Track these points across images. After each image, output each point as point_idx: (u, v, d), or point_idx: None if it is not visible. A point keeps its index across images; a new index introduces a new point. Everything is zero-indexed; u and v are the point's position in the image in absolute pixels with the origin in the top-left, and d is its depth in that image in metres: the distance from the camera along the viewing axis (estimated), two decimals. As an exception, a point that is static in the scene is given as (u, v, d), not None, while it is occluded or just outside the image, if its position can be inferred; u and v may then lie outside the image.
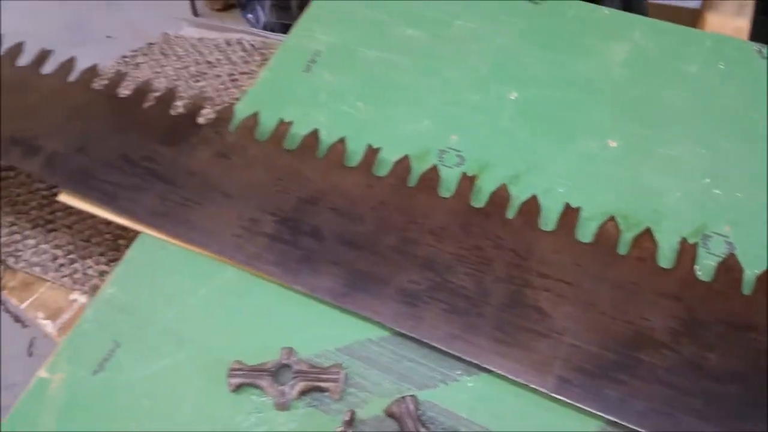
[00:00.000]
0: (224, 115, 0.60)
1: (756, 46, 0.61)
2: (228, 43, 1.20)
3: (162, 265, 0.55)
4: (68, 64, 0.64)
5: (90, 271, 0.90)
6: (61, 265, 0.92)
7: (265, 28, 1.88)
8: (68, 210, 0.97)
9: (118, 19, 2.37)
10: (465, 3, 0.68)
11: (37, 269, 0.91)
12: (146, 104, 0.61)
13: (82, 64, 0.69)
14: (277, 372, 0.48)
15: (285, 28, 1.60)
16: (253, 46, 1.19)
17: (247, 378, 0.48)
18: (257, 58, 1.16)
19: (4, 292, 0.91)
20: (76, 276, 0.90)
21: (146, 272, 0.55)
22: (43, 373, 0.51)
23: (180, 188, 0.56)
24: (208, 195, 0.56)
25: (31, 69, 0.64)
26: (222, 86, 1.04)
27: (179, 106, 0.62)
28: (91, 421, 0.48)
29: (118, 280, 0.55)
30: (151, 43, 1.22)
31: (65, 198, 0.58)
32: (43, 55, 0.65)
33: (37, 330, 1.59)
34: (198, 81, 1.05)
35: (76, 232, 0.95)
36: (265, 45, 1.19)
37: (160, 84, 0.89)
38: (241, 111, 0.62)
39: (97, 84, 0.63)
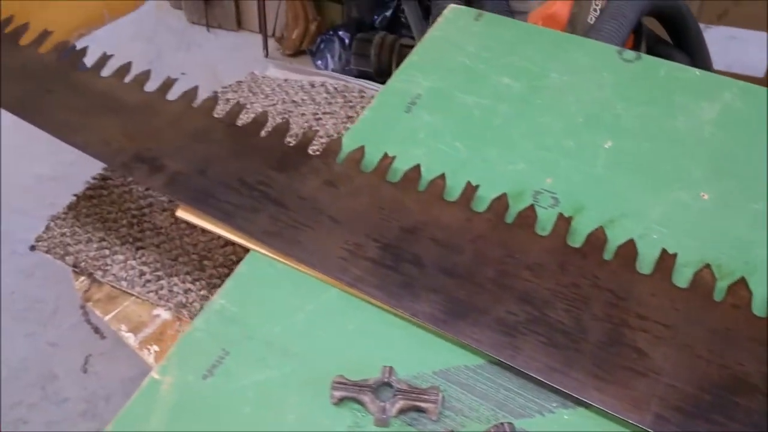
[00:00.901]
0: (332, 148, 0.64)
1: None
2: (312, 85, 1.27)
3: (270, 281, 0.58)
4: (192, 92, 0.70)
5: (175, 288, 0.95)
6: (148, 281, 0.97)
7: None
8: (157, 230, 1.03)
9: (195, 59, 2.51)
10: (560, 58, 0.72)
11: (123, 283, 0.97)
12: (262, 133, 0.66)
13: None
14: (378, 389, 0.51)
15: (363, 75, 1.67)
16: (335, 89, 1.25)
17: (349, 392, 0.50)
18: (339, 100, 1.22)
19: (89, 304, 0.96)
20: (162, 292, 0.95)
21: (255, 287, 0.58)
22: (154, 374, 0.55)
23: (291, 211, 0.60)
24: (317, 219, 0.60)
25: (158, 94, 0.70)
26: (306, 124, 1.10)
27: (291, 138, 0.66)
28: (199, 423, 0.51)
29: (228, 293, 0.58)
30: (239, 81, 1.30)
31: (183, 214, 0.63)
32: (169, 83, 0.71)
33: (92, 347, 1.65)
34: (284, 118, 1.12)
35: (163, 251, 1.01)
36: (346, 89, 1.25)
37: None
38: (346, 145, 0.66)
39: (218, 112, 0.69)
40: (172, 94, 0.71)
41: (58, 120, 0.70)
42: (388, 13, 2.14)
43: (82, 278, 0.97)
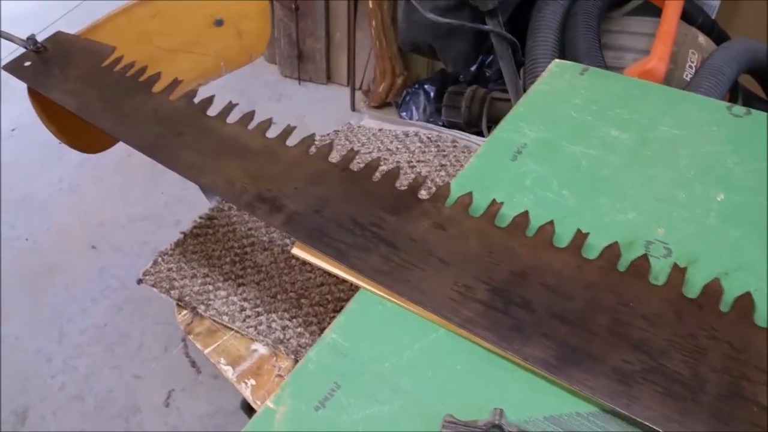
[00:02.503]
0: (442, 192, 0.67)
1: None
2: (406, 135, 1.32)
3: (380, 318, 0.60)
4: (309, 139, 0.74)
5: (274, 325, 0.99)
6: (248, 316, 1.01)
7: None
8: (258, 267, 1.08)
9: (285, 110, 2.63)
10: (669, 111, 0.73)
11: (225, 318, 1.01)
12: (374, 178, 0.69)
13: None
14: (488, 431, 0.51)
15: (452, 126, 1.71)
16: (429, 138, 1.29)
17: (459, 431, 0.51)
18: (433, 149, 1.26)
19: (190, 337, 1.01)
20: (260, 328, 0.99)
21: (365, 323, 0.60)
22: (269, 403, 0.57)
23: (402, 252, 0.62)
24: (426, 260, 0.61)
25: (278, 140, 0.75)
26: (415, 174, 1.14)
27: (402, 183, 0.69)
28: (310, 453, 0.53)
29: (340, 328, 0.61)
30: (336, 130, 1.37)
31: (298, 251, 0.66)
32: (289, 130, 0.76)
33: (175, 382, 1.70)
34: (380, 165, 1.17)
35: (263, 289, 1.05)
36: (439, 138, 1.29)
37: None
38: (454, 191, 0.68)
39: (333, 157, 0.73)
40: (291, 141, 0.76)
41: (187, 161, 0.75)
42: (473, 68, 2.19)
43: (185, 312, 1.02)
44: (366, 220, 0.65)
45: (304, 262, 1.07)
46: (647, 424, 0.49)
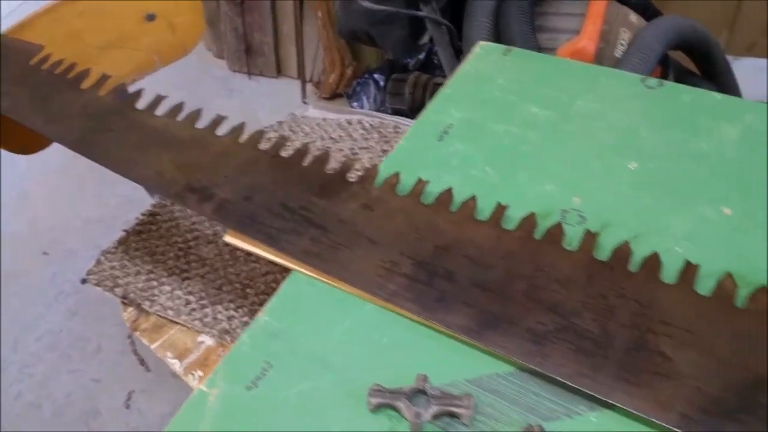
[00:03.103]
0: (370, 174, 0.69)
1: None
2: (349, 123, 1.33)
3: (311, 298, 0.62)
4: (239, 128, 0.75)
5: (219, 316, 1.00)
6: (193, 309, 1.02)
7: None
8: (202, 261, 1.09)
9: (236, 105, 2.62)
10: (587, 87, 0.76)
11: (170, 312, 1.02)
12: (304, 163, 0.71)
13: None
14: (413, 396, 0.53)
15: (397, 113, 1.73)
16: (371, 125, 1.31)
17: (385, 399, 0.53)
18: (375, 135, 1.28)
19: (136, 333, 1.01)
20: (206, 320, 1.00)
21: (297, 304, 0.62)
22: (202, 387, 0.58)
23: (331, 233, 0.64)
24: (355, 240, 0.63)
25: (208, 130, 0.76)
26: (344, 158, 1.15)
27: (332, 166, 0.71)
28: (244, 430, 0.54)
29: (272, 310, 0.62)
30: (280, 121, 1.37)
31: (230, 239, 0.68)
32: (218, 120, 0.77)
33: (135, 383, 1.69)
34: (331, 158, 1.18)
35: (208, 281, 1.06)
36: (382, 125, 1.31)
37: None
38: (383, 172, 0.70)
39: (263, 145, 0.74)
40: (221, 131, 0.77)
41: (116, 156, 0.76)
42: (422, 56, 2.21)
43: (130, 309, 1.02)
44: (296, 205, 0.67)
45: (249, 253, 1.08)
46: (560, 379, 0.51)
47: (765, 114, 0.69)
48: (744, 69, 1.69)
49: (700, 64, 1.54)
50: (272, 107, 2.55)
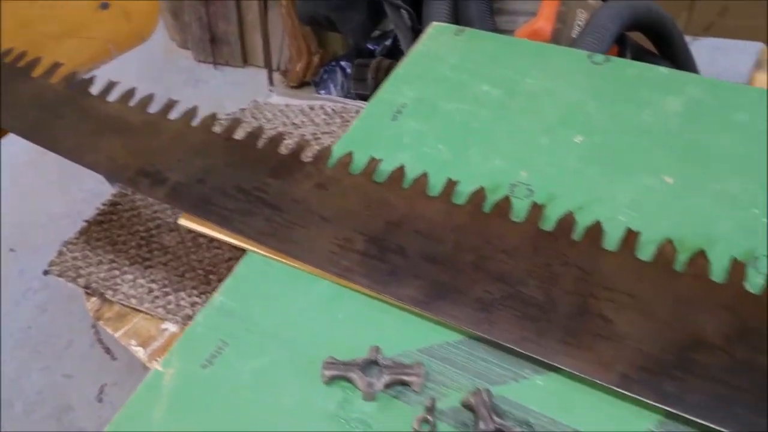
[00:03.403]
0: (323, 154, 0.69)
1: (802, 98, 0.67)
2: (311, 108, 1.34)
3: (266, 278, 0.63)
4: (191, 112, 0.75)
5: (183, 302, 1.00)
6: (156, 297, 1.02)
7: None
8: (164, 249, 1.09)
9: (203, 95, 2.60)
10: (536, 65, 0.77)
11: (133, 301, 1.02)
12: (258, 145, 0.71)
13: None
14: (366, 367, 0.55)
15: (361, 98, 1.74)
16: (334, 110, 1.31)
17: (338, 371, 0.54)
18: (338, 120, 1.28)
19: (100, 323, 1.01)
20: (169, 307, 1.00)
21: (252, 284, 0.63)
22: (158, 366, 0.59)
23: (285, 213, 0.65)
24: (309, 218, 0.64)
25: (160, 115, 0.76)
26: (298, 139, 1.16)
27: (286, 147, 0.72)
28: (199, 408, 0.55)
29: (227, 290, 0.63)
30: (242, 108, 1.37)
31: (185, 223, 0.68)
32: (171, 104, 0.77)
33: (106, 377, 1.68)
34: (285, 140, 1.18)
35: (171, 269, 1.06)
36: (344, 110, 1.31)
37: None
38: (337, 152, 0.71)
39: (217, 128, 0.74)
40: (174, 115, 0.77)
41: (68, 143, 0.75)
42: (388, 42, 2.21)
43: (93, 299, 1.02)
44: (250, 186, 0.67)
45: (212, 240, 1.08)
46: (506, 345, 0.53)
47: (706, 86, 0.71)
48: (703, 48, 1.73)
49: (657, 44, 1.56)
50: (239, 97, 2.53)
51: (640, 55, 1.58)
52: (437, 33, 0.85)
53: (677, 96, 0.70)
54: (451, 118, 0.74)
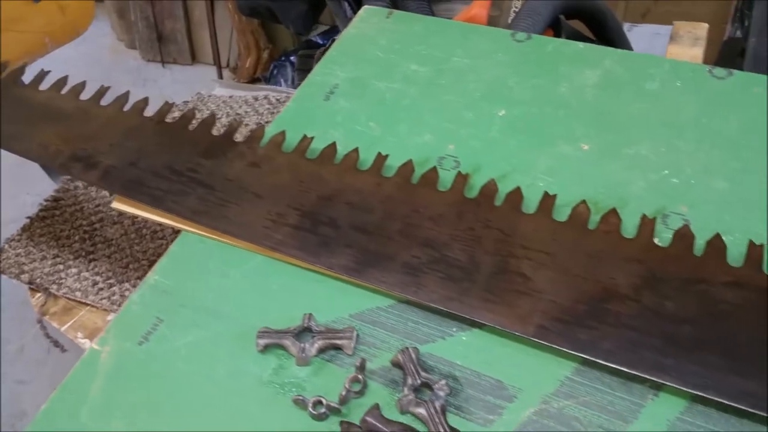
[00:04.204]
0: (256, 134, 0.71)
1: (708, 67, 0.71)
2: (255, 99, 1.34)
3: (201, 255, 0.64)
4: (123, 97, 0.76)
5: (127, 293, 1.00)
6: (101, 289, 1.02)
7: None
8: (108, 242, 1.08)
9: (151, 94, 2.57)
10: (461, 44, 0.80)
11: (78, 294, 1.01)
12: (190, 127, 0.72)
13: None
14: (299, 334, 0.56)
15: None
16: (278, 100, 1.32)
17: (272, 339, 0.56)
18: (281, 109, 1.29)
19: (46, 318, 1.01)
20: (114, 298, 1.00)
21: (187, 262, 0.64)
22: (93, 345, 0.59)
23: (218, 191, 0.66)
24: (242, 196, 0.66)
25: (92, 101, 0.76)
26: (230, 120, 1.16)
27: (219, 128, 0.73)
28: (136, 384, 0.56)
29: (161, 269, 0.64)
30: (186, 101, 1.37)
31: (119, 206, 0.68)
32: (102, 90, 0.77)
33: (60, 381, 1.66)
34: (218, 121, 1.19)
35: (114, 261, 1.06)
36: (288, 99, 1.32)
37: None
38: (270, 132, 0.72)
39: (149, 112, 0.75)
40: (105, 101, 0.77)
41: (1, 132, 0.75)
42: (337, 36, 2.23)
43: (38, 295, 1.01)
44: (182, 167, 0.68)
45: (155, 231, 1.09)
46: (432, 305, 0.55)
47: (620, 58, 0.75)
48: (642, 35, 1.79)
49: (593, 30, 1.62)
50: (188, 95, 2.51)
51: (577, 39, 1.63)
52: (368, 15, 0.87)
53: (593, 69, 0.74)
54: (381, 96, 0.76)
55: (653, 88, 0.71)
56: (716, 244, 0.55)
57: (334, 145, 0.69)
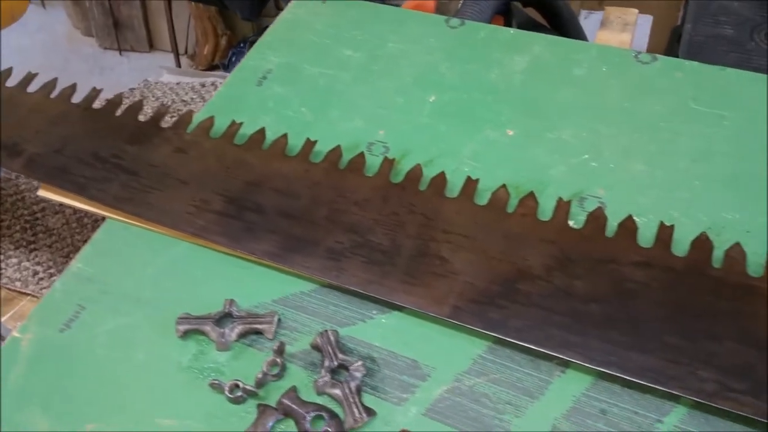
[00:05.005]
0: (184, 119, 0.70)
1: (634, 52, 0.73)
2: (202, 85, 1.33)
3: (125, 242, 0.63)
4: (51, 84, 0.75)
5: (69, 283, 0.98)
6: (41, 279, 1.01)
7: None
8: (49, 231, 1.07)
9: (109, 83, 2.52)
10: (396, 29, 0.80)
11: (18, 284, 1.00)
12: (117, 113, 0.71)
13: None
14: (220, 320, 0.56)
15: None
16: (225, 87, 1.30)
17: (192, 325, 0.56)
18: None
19: (-15, 309, 0.99)
20: (56, 288, 0.98)
21: (111, 249, 0.63)
22: (15, 333, 0.59)
23: (142, 178, 0.66)
24: (166, 182, 0.65)
25: (18, 89, 0.75)
26: (158, 106, 1.16)
27: (147, 114, 0.72)
28: (56, 370, 0.55)
29: (85, 257, 0.63)
30: (132, 89, 1.35)
31: (44, 193, 0.67)
32: (29, 77, 0.75)
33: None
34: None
35: (56, 250, 1.04)
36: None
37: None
38: (199, 118, 0.72)
39: (76, 99, 0.74)
40: (32, 88, 0.76)
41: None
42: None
43: (-23, 286, 0.99)
44: (107, 153, 0.68)
45: (96, 220, 1.07)
46: (352, 288, 0.56)
47: (550, 44, 0.76)
48: (596, 22, 1.81)
49: (546, 17, 1.63)
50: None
51: (529, 27, 1.64)
52: (304, 1, 0.86)
53: (523, 55, 0.75)
54: (314, 82, 0.76)
55: (580, 74, 0.72)
56: (628, 226, 0.56)
57: (262, 130, 0.69)
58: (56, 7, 2.87)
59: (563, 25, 1.64)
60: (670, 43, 1.70)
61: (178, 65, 2.54)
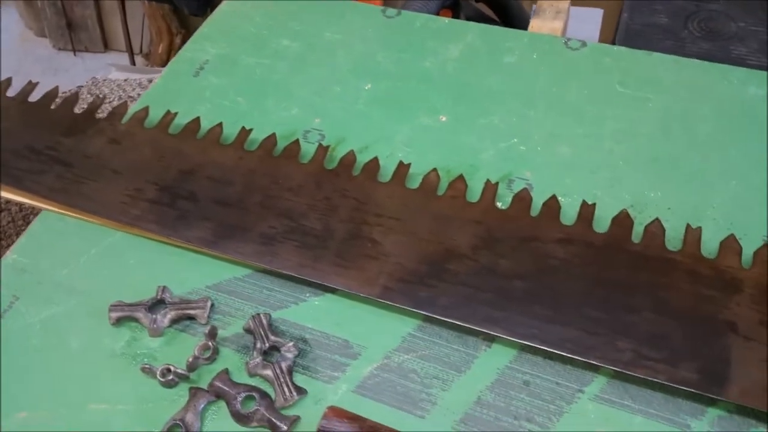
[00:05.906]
0: (118, 110, 0.70)
1: (564, 39, 0.75)
2: (150, 81, 1.32)
3: (59, 234, 0.63)
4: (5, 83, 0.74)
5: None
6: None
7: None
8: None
9: (64, 84, 2.48)
10: (333, 20, 0.81)
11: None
12: (53, 105, 0.71)
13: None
14: (153, 306, 0.56)
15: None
16: (174, 84, 1.29)
17: (124, 312, 0.56)
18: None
19: None
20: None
21: (45, 240, 0.63)
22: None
23: (76, 169, 0.65)
24: (100, 173, 0.65)
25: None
26: (93, 97, 1.15)
27: (83, 106, 0.71)
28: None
29: (20, 248, 0.62)
30: (80, 86, 1.33)
31: (-23, 186, 0.67)
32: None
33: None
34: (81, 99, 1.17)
35: (1, 248, 1.03)
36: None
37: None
38: (133, 109, 0.71)
39: (11, 93, 0.73)
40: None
41: None
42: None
43: None
44: (42, 146, 0.67)
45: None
46: (285, 272, 0.56)
47: (482, 32, 0.77)
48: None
49: (495, 10, 1.66)
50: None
51: (478, 20, 1.67)
52: (244, -7, 0.87)
53: (457, 43, 0.76)
54: (251, 72, 0.76)
55: (511, 61, 0.74)
56: (551, 205, 0.58)
57: (197, 120, 0.69)
58: (9, 7, 2.81)
59: (512, 19, 1.67)
60: (616, 33, 1.74)
61: (133, 64, 2.51)
